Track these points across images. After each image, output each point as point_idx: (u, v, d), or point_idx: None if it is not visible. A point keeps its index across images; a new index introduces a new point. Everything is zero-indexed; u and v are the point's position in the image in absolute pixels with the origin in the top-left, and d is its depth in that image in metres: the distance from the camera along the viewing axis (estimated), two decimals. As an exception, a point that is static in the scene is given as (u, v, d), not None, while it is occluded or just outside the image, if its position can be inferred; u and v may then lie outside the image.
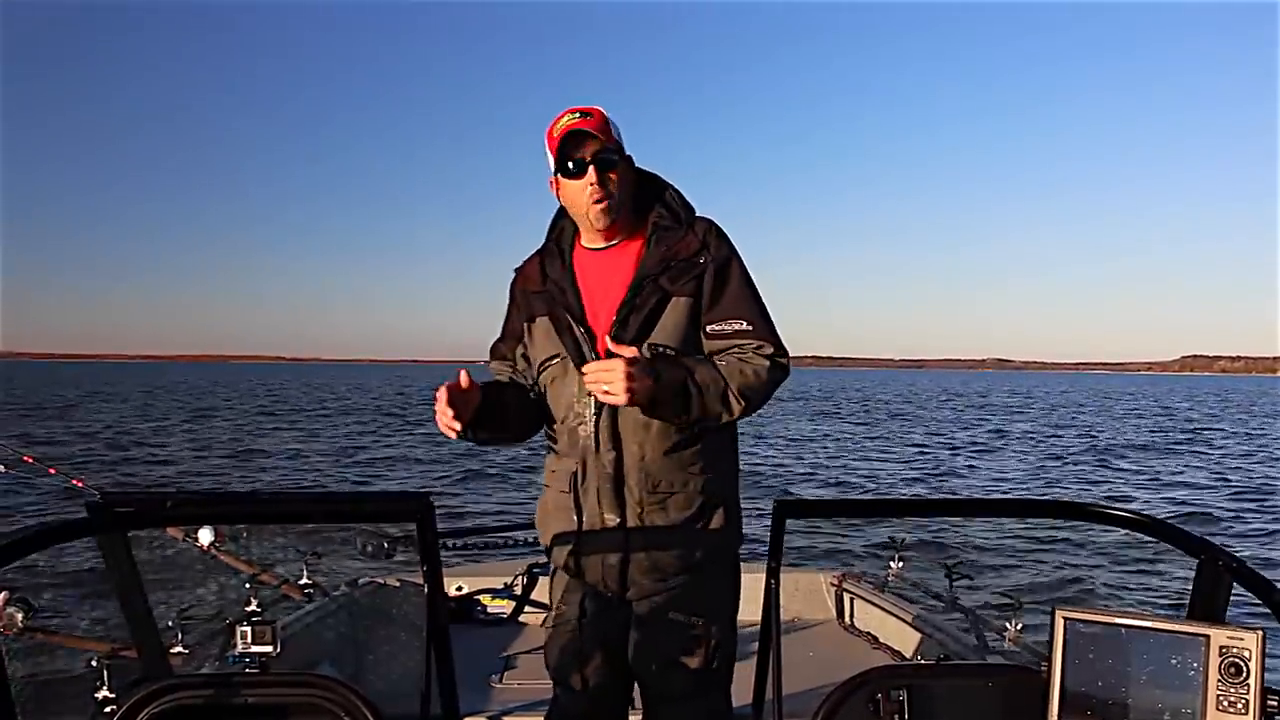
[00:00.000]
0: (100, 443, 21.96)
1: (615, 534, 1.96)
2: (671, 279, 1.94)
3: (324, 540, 4.25)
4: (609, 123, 1.98)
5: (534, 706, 2.96)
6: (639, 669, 2.04)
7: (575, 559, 2.02)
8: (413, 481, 16.23)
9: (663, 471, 1.94)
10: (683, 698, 2.01)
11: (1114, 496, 14.55)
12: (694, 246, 1.97)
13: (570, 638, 2.06)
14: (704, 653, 1.99)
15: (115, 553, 1.80)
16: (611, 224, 1.99)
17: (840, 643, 3.85)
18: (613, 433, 1.95)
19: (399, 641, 3.49)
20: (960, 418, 36.66)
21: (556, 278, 2.04)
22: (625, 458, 1.94)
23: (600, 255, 2.03)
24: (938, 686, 1.74)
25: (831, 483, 16.16)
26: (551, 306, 2.02)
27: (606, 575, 1.99)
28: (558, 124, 1.96)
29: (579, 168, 1.95)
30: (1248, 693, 1.47)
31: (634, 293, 1.94)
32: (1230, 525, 11.91)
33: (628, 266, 1.99)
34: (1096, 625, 1.61)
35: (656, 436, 1.93)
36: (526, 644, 3.67)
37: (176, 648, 2.89)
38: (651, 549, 1.95)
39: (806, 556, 8.38)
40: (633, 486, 1.94)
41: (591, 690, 2.05)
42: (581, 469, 1.98)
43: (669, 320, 1.94)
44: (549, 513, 2.07)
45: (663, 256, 1.96)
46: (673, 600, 1.98)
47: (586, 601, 2.05)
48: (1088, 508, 1.86)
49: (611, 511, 1.95)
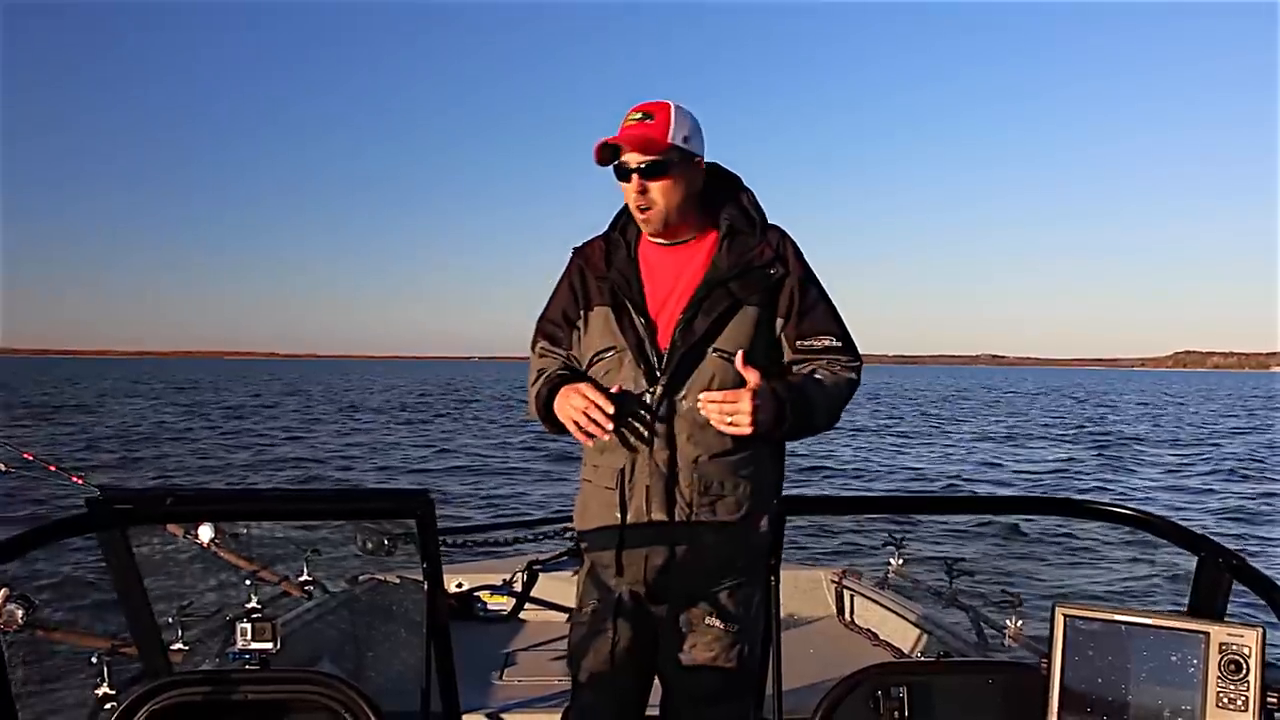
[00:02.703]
0: (98, 439, 21.96)
1: (661, 533, 1.93)
2: (743, 286, 1.92)
3: (324, 537, 4.25)
4: (673, 122, 1.92)
5: (534, 703, 2.96)
6: (666, 671, 2.02)
7: (616, 556, 1.97)
8: (413, 478, 16.23)
9: (714, 473, 1.92)
10: (708, 702, 1.97)
11: (1115, 493, 14.55)
12: (768, 256, 1.95)
13: (599, 634, 2.03)
14: (736, 660, 1.96)
15: (115, 549, 1.80)
16: (658, 233, 1.98)
17: (840, 639, 3.85)
18: (669, 431, 1.91)
19: (399, 638, 3.49)
20: (961, 414, 36.66)
21: (621, 267, 2.00)
22: (679, 458, 1.91)
23: (668, 251, 2.01)
24: (938, 683, 1.74)
25: (832, 479, 16.16)
26: (614, 296, 1.98)
27: (648, 574, 1.96)
28: (626, 119, 1.93)
29: (623, 174, 1.93)
30: (1248, 690, 1.47)
31: (703, 294, 1.92)
32: (1231, 525, 11.92)
33: (697, 266, 1.96)
34: (1096, 622, 1.61)
35: (713, 439, 1.90)
36: (527, 641, 3.67)
37: (177, 644, 2.89)
38: (696, 551, 1.93)
39: (807, 553, 8.39)
40: (684, 487, 1.91)
41: (615, 688, 2.02)
42: (630, 466, 1.94)
43: (736, 327, 1.91)
44: (589, 509, 2.03)
45: (734, 262, 1.93)
46: (711, 605, 1.96)
47: (621, 599, 2.01)
48: (1087, 505, 1.86)
49: (660, 511, 1.92)
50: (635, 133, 1.90)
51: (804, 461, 17.92)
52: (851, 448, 21.76)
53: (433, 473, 16.72)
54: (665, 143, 1.90)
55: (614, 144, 1.91)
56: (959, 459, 19.85)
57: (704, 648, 1.96)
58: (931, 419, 33.79)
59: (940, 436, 26.00)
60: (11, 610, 2.64)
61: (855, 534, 9.06)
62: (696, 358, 1.91)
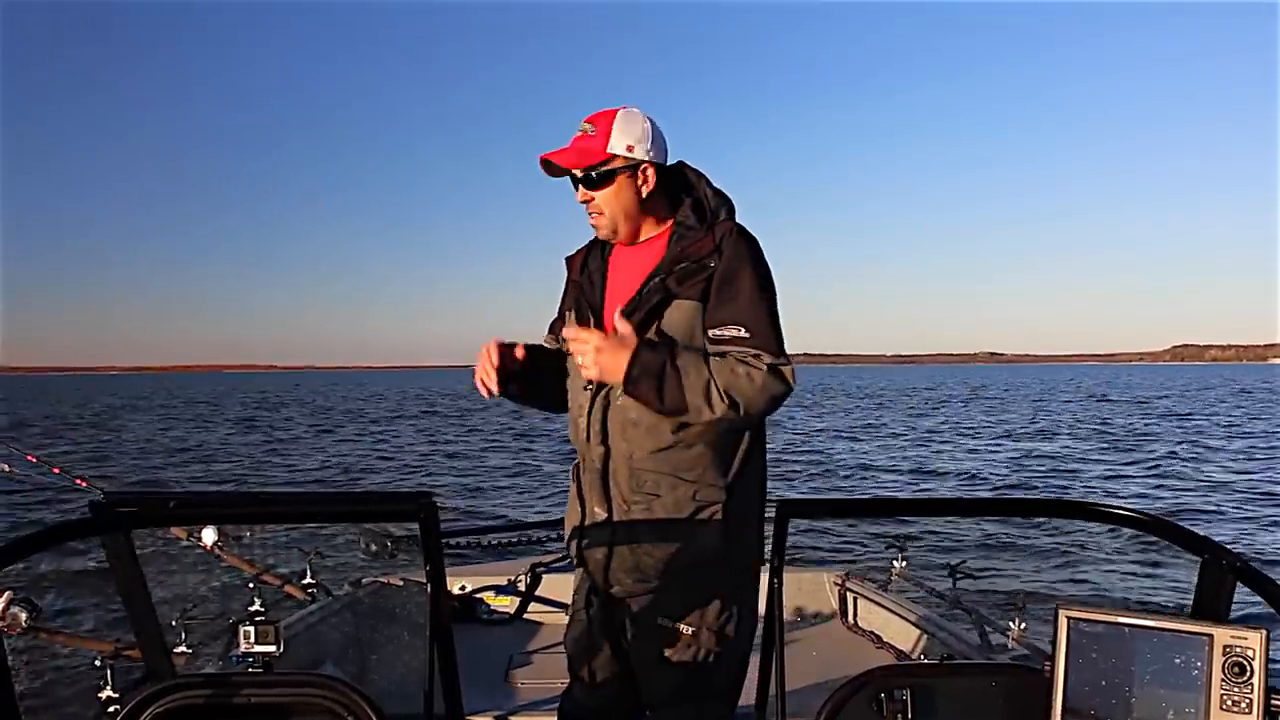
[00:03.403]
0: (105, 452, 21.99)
1: (603, 529, 1.98)
2: (678, 280, 1.91)
3: (327, 540, 4.25)
4: (615, 132, 1.95)
5: (538, 705, 2.95)
6: (634, 668, 2.05)
7: (578, 551, 2.06)
8: (415, 481, 16.24)
9: (650, 472, 1.92)
10: (669, 703, 1.98)
11: (1119, 495, 14.52)
12: (707, 249, 1.92)
13: (581, 631, 2.11)
14: (690, 659, 1.94)
15: (118, 552, 1.80)
16: (611, 238, 2.04)
17: (843, 642, 3.85)
18: (602, 428, 1.96)
19: (402, 641, 3.49)
20: (961, 414, 36.61)
21: (592, 270, 2.08)
22: (613, 454, 1.96)
23: (630, 251, 2.05)
24: (941, 686, 1.74)
25: (834, 482, 16.15)
26: (578, 298, 2.07)
27: (594, 571, 2.03)
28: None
29: (573, 183, 2.02)
30: (1251, 692, 1.47)
31: (643, 290, 1.94)
32: (1231, 523, 11.89)
33: (648, 264, 1.99)
34: (1100, 625, 1.61)
35: (645, 435, 1.91)
36: (530, 643, 3.67)
37: (180, 647, 2.90)
38: (634, 548, 1.94)
39: (810, 556, 8.38)
40: (619, 483, 1.95)
41: (600, 684, 2.08)
42: (582, 463, 2.04)
43: (669, 321, 1.91)
44: (568, 504, 2.12)
45: (675, 257, 1.94)
46: (656, 603, 1.96)
47: (592, 595, 2.09)
48: (1091, 507, 1.85)
49: (600, 506, 1.98)
50: (573, 147, 1.98)
51: (804, 461, 17.93)
52: (852, 448, 21.75)
53: (435, 475, 16.74)
54: (603, 154, 1.96)
55: (546, 159, 1.98)
56: (961, 460, 19.83)
57: (656, 646, 1.97)
58: (932, 421, 33.77)
59: (941, 438, 25.98)
60: (15, 613, 2.64)
61: (858, 536, 9.06)
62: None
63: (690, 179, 2.05)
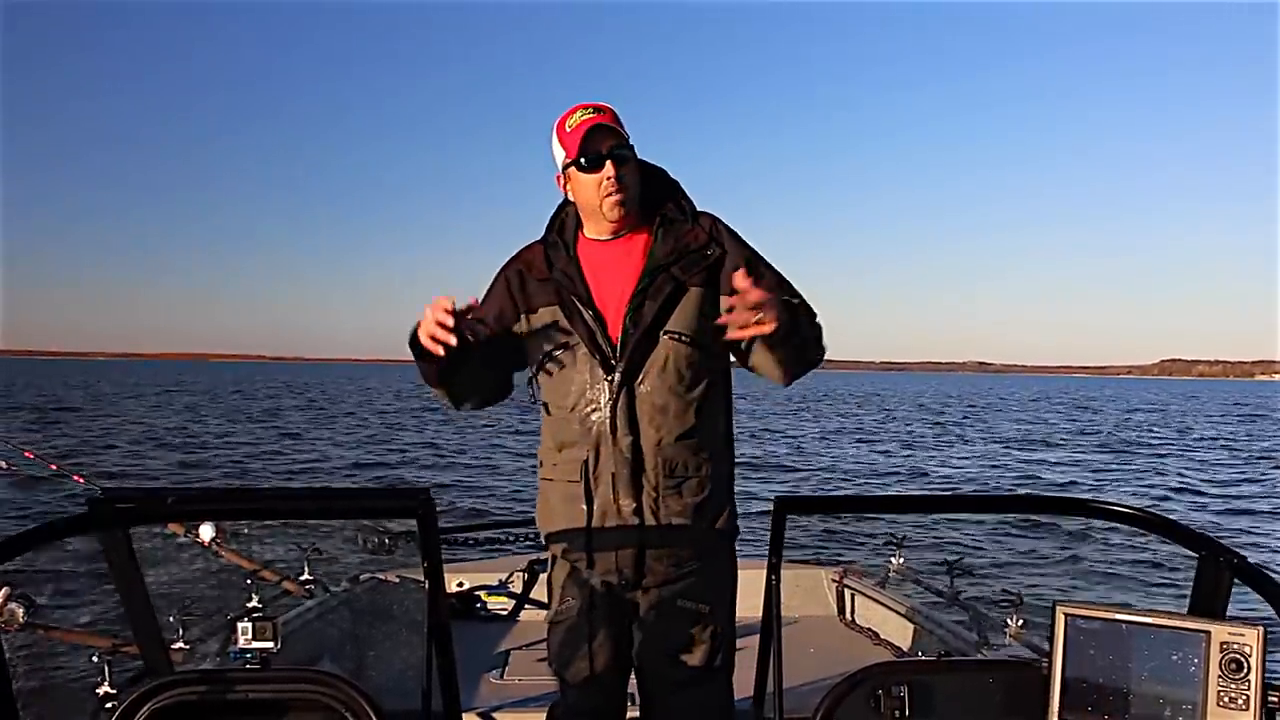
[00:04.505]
0: (99, 441, 21.98)
1: (631, 521, 1.96)
2: (684, 269, 1.97)
3: (325, 536, 4.24)
4: (619, 119, 2.00)
5: (534, 702, 2.96)
6: (644, 658, 2.05)
7: (586, 550, 2.00)
8: (413, 477, 16.24)
9: (678, 456, 1.96)
10: (689, 684, 2.02)
11: (1115, 492, 14.55)
12: (703, 239, 2.01)
13: (576, 630, 2.06)
14: (710, 640, 2.02)
15: (116, 548, 1.80)
16: (623, 216, 2.01)
17: (841, 639, 3.85)
18: (630, 417, 1.95)
19: (400, 638, 3.49)
20: (960, 417, 36.66)
21: (564, 267, 2.04)
22: (643, 443, 1.95)
23: (606, 246, 2.05)
24: (939, 682, 1.74)
25: (834, 482, 16.16)
26: (560, 295, 2.03)
27: (621, 564, 1.98)
28: (569, 118, 1.98)
29: (596, 162, 1.96)
30: (1248, 689, 1.47)
31: (648, 281, 1.96)
32: (1232, 522, 11.92)
33: (637, 257, 2.01)
34: (1097, 621, 1.61)
35: (674, 421, 1.95)
36: (528, 640, 3.67)
37: (177, 644, 2.89)
38: (668, 535, 1.96)
39: (808, 552, 8.39)
40: (649, 472, 1.95)
41: (597, 682, 2.06)
42: (594, 456, 1.97)
43: (684, 309, 1.97)
44: (554, 505, 2.05)
45: (672, 248, 1.99)
46: (685, 587, 2.01)
47: (594, 593, 2.04)
48: (1089, 504, 1.86)
49: (627, 498, 1.95)
50: (606, 121, 1.97)
51: (805, 461, 17.96)
52: (852, 449, 21.76)
53: (434, 470, 16.73)
54: (625, 132, 2.00)
55: (601, 124, 1.95)
56: (962, 460, 19.84)
57: (680, 631, 2.01)
58: (931, 423, 33.79)
59: (941, 439, 26.00)
60: (13, 609, 2.64)
61: (856, 533, 9.07)
62: (650, 342, 1.95)
63: (661, 175, 2.09)
